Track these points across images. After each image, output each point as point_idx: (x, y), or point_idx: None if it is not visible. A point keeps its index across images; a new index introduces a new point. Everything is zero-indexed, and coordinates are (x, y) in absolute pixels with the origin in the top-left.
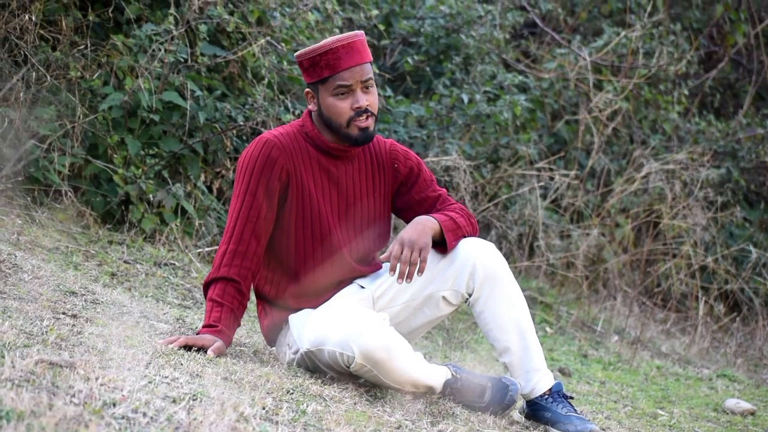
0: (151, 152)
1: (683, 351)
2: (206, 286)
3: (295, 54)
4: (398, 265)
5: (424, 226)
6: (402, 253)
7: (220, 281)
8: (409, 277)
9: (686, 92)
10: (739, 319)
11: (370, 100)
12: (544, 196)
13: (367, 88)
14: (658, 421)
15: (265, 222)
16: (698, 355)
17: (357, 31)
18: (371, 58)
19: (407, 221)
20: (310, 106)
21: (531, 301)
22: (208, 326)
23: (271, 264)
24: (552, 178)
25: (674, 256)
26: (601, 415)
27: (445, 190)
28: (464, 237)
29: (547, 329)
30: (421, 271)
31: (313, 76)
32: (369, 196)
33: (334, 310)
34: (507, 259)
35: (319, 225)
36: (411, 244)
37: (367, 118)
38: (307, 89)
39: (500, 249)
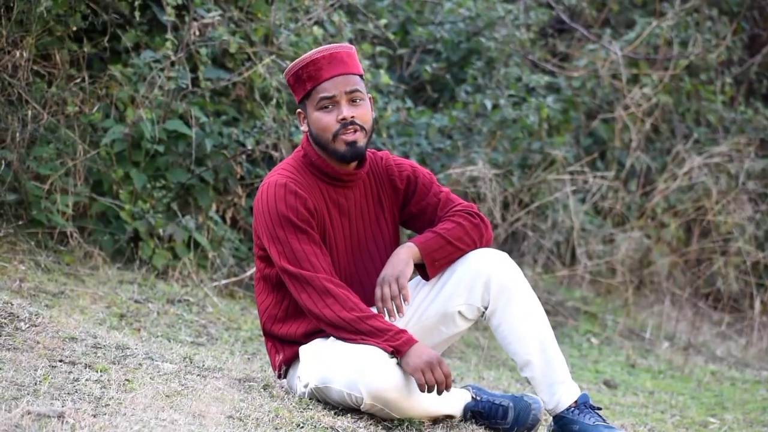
0: (158, 185)
1: (740, 353)
2: (340, 326)
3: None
4: (383, 308)
5: (397, 258)
6: (381, 293)
7: (349, 302)
8: (399, 311)
9: (729, 80)
10: None
11: (357, 112)
12: (582, 201)
13: (354, 101)
14: (708, 429)
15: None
16: (756, 357)
17: (344, 44)
18: (360, 71)
19: (415, 231)
20: (302, 128)
21: (575, 312)
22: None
23: (283, 303)
24: (586, 181)
25: (724, 253)
26: (644, 428)
27: (448, 189)
28: (462, 249)
29: (593, 340)
30: (405, 299)
31: (300, 92)
32: (379, 221)
33: (340, 345)
34: (545, 269)
35: (336, 263)
36: (385, 280)
37: (354, 131)
38: (299, 110)
39: (537, 259)
